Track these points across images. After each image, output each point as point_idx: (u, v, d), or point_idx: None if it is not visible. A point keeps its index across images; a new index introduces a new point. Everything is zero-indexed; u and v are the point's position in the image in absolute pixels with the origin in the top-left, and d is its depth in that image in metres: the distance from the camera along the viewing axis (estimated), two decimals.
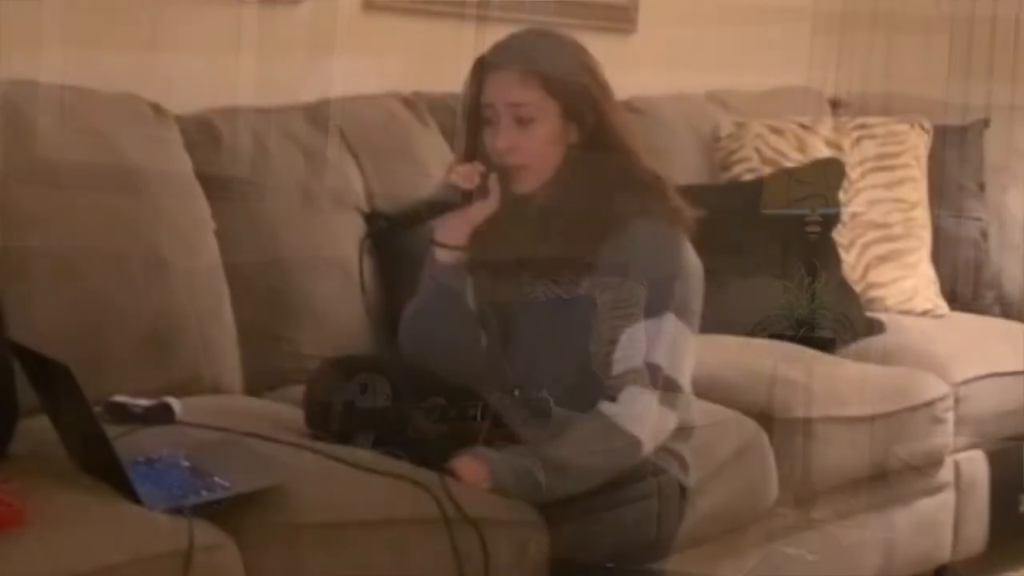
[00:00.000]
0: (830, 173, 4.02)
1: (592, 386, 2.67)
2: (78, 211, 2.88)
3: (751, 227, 3.89)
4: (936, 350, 3.82)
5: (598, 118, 2.71)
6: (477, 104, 2.72)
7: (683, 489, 2.78)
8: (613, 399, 2.63)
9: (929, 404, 3.64)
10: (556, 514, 2.60)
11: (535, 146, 2.70)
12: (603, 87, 2.75)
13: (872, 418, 3.47)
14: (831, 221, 3.97)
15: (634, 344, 2.65)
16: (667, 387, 2.65)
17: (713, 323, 2.92)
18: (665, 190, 2.75)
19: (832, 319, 3.85)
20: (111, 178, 2.96)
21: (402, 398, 2.70)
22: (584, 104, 2.71)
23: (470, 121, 2.76)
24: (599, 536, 2.59)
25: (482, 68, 2.73)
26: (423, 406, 2.67)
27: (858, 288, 4.04)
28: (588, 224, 2.69)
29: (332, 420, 2.70)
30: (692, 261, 2.72)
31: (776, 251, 3.86)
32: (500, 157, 2.70)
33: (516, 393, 2.72)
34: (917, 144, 4.27)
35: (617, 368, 2.66)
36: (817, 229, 3.91)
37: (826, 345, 3.75)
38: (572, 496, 2.60)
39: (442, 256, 2.73)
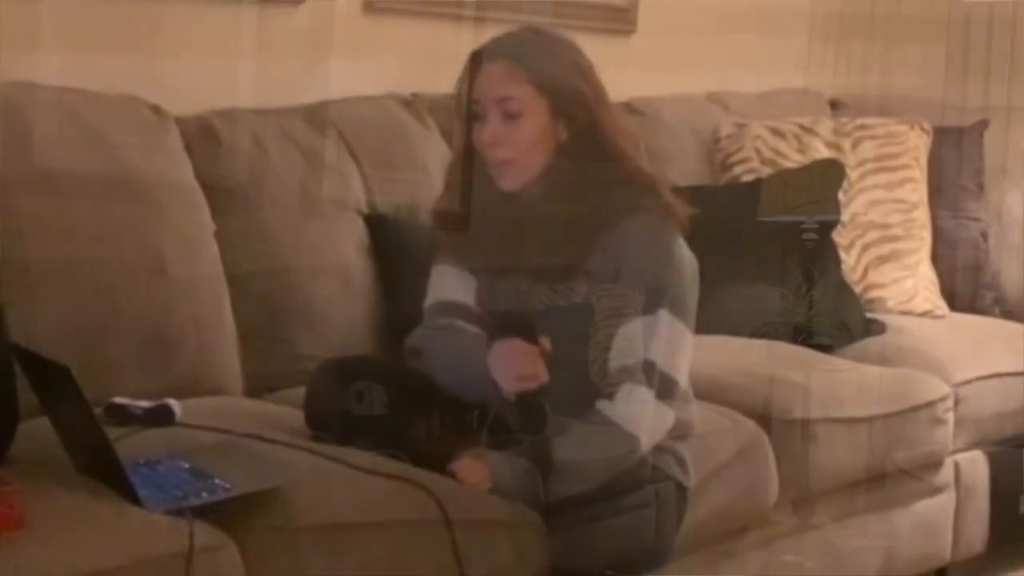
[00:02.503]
0: (830, 174, 4.02)
1: (591, 392, 2.65)
2: (78, 214, 2.88)
3: (750, 230, 3.89)
4: (936, 351, 3.82)
5: (588, 117, 2.69)
6: (470, 100, 2.72)
7: (682, 489, 2.77)
8: (610, 397, 2.63)
9: (929, 405, 3.63)
10: (556, 518, 2.60)
11: (521, 141, 2.68)
12: (595, 87, 2.73)
13: (872, 419, 3.47)
14: (829, 226, 3.96)
15: (630, 342, 2.64)
16: (664, 384, 2.64)
17: (712, 325, 2.91)
18: (657, 188, 2.72)
19: (831, 325, 3.85)
20: (110, 180, 2.95)
21: (402, 401, 2.70)
22: (573, 102, 2.69)
23: (463, 117, 2.75)
24: (599, 541, 2.59)
25: (474, 63, 2.72)
26: (423, 410, 2.67)
27: (858, 289, 4.04)
28: (578, 222, 2.67)
29: (332, 421, 2.70)
30: (686, 257, 2.70)
31: (775, 255, 3.85)
32: (485, 151, 2.69)
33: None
34: (917, 145, 4.27)
35: (613, 366, 2.65)
36: (815, 236, 3.91)
37: (825, 349, 3.75)
38: (572, 497, 2.60)
39: None
